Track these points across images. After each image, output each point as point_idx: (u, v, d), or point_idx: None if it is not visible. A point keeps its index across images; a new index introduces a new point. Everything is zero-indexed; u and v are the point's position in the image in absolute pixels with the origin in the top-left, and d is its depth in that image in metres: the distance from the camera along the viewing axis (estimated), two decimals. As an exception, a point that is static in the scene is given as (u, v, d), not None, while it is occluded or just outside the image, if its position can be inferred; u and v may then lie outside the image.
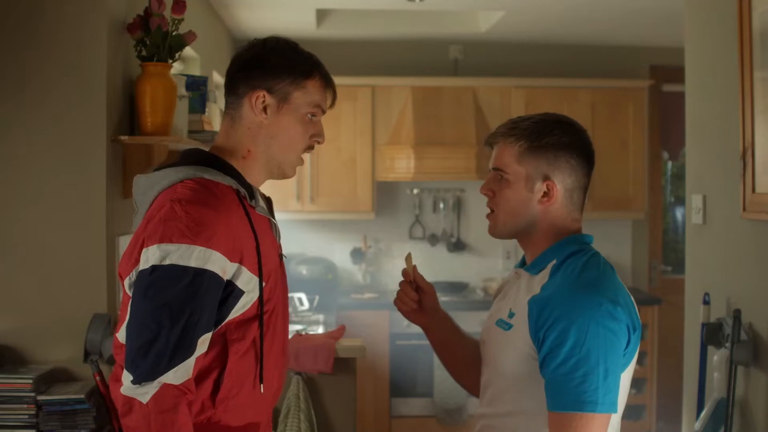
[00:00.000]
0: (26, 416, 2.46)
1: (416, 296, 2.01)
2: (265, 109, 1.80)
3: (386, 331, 5.46)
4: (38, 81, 2.65)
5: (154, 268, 1.65)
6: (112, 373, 1.81)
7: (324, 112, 1.87)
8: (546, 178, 1.83)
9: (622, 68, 6.15)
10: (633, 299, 1.86)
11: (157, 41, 2.72)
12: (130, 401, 1.63)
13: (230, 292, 1.72)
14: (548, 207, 1.85)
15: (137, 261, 1.70)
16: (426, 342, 2.14)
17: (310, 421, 3.21)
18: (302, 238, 5.96)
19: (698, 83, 3.34)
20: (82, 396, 2.49)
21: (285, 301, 1.90)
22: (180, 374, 1.64)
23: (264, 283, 1.77)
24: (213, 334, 1.72)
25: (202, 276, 1.66)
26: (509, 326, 1.83)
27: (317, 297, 5.41)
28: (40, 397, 2.47)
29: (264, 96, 1.80)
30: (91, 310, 2.63)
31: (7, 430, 2.45)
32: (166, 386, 1.63)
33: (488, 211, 1.92)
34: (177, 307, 1.64)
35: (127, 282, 1.74)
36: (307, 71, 1.83)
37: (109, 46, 2.69)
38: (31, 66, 2.65)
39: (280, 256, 1.88)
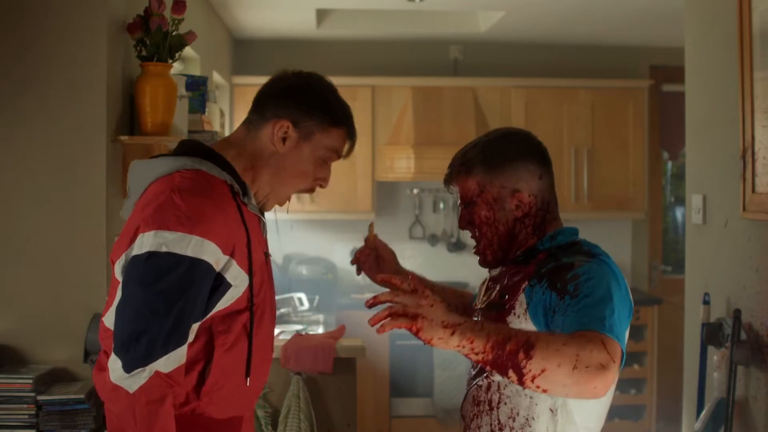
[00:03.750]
0: (26, 416, 2.46)
1: (367, 256, 2.19)
2: (284, 139, 1.83)
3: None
4: (39, 81, 2.65)
5: (150, 254, 1.65)
6: (96, 361, 1.81)
7: (339, 157, 1.90)
8: (514, 192, 1.89)
9: (622, 68, 6.15)
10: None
11: (157, 41, 2.72)
12: (117, 389, 1.63)
13: (219, 284, 1.73)
14: (525, 217, 1.90)
15: (129, 245, 1.70)
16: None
17: (310, 421, 3.21)
18: (302, 238, 5.96)
19: (698, 83, 3.34)
20: (82, 396, 2.49)
21: (272, 296, 1.92)
22: (171, 362, 1.64)
23: (252, 279, 1.78)
24: (199, 326, 1.73)
25: (197, 266, 1.67)
26: (503, 307, 1.86)
27: (317, 297, 5.41)
28: (40, 397, 2.48)
29: (288, 127, 1.83)
30: (91, 310, 2.63)
31: (7, 430, 2.45)
32: (155, 376, 1.63)
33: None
34: (172, 295, 1.64)
35: (117, 266, 1.73)
36: (337, 120, 1.86)
37: (109, 46, 2.69)
38: (31, 66, 2.65)
39: (265, 253, 1.89)
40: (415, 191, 6.08)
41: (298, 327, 4.63)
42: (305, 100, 1.84)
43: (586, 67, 6.13)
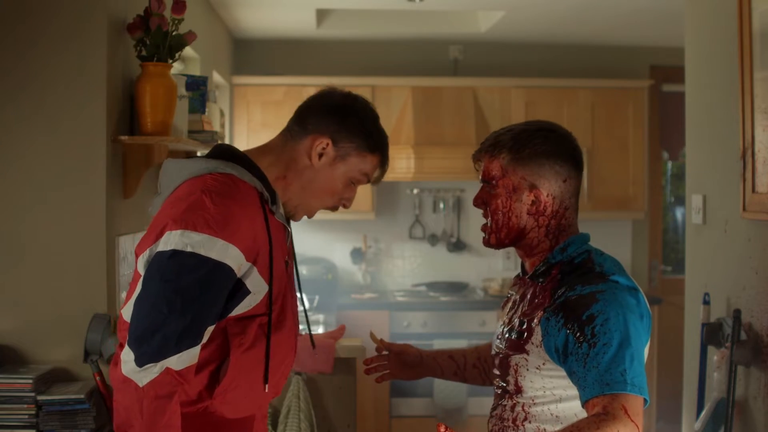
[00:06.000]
0: (26, 416, 2.46)
1: (384, 365, 2.21)
2: (320, 155, 1.87)
3: (386, 331, 5.45)
4: (39, 81, 2.65)
5: (174, 253, 1.68)
6: (113, 356, 1.82)
7: (368, 182, 1.96)
8: (532, 187, 1.87)
9: (622, 68, 6.15)
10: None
11: (157, 41, 2.72)
12: (127, 381, 1.66)
13: (238, 289, 1.75)
14: (539, 216, 1.88)
15: (155, 241, 1.72)
16: (425, 342, 2.17)
17: (310, 421, 3.21)
18: (302, 238, 5.96)
19: (698, 83, 3.34)
20: (82, 396, 2.49)
21: (293, 303, 1.94)
22: (183, 360, 1.67)
23: (272, 287, 1.80)
24: (214, 328, 1.76)
25: (219, 269, 1.69)
26: (521, 335, 1.86)
27: (317, 297, 5.41)
28: (40, 397, 2.47)
29: (327, 145, 1.87)
30: (91, 310, 2.63)
31: (7, 430, 2.45)
32: (166, 372, 1.65)
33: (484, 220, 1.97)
34: (191, 295, 1.67)
35: (141, 260, 1.76)
36: (374, 147, 1.92)
37: (109, 46, 2.69)
38: (31, 66, 2.65)
39: (286, 261, 1.91)
40: (415, 191, 6.08)
41: (299, 327, 4.63)
42: (348, 122, 1.89)
43: (586, 67, 6.13)
